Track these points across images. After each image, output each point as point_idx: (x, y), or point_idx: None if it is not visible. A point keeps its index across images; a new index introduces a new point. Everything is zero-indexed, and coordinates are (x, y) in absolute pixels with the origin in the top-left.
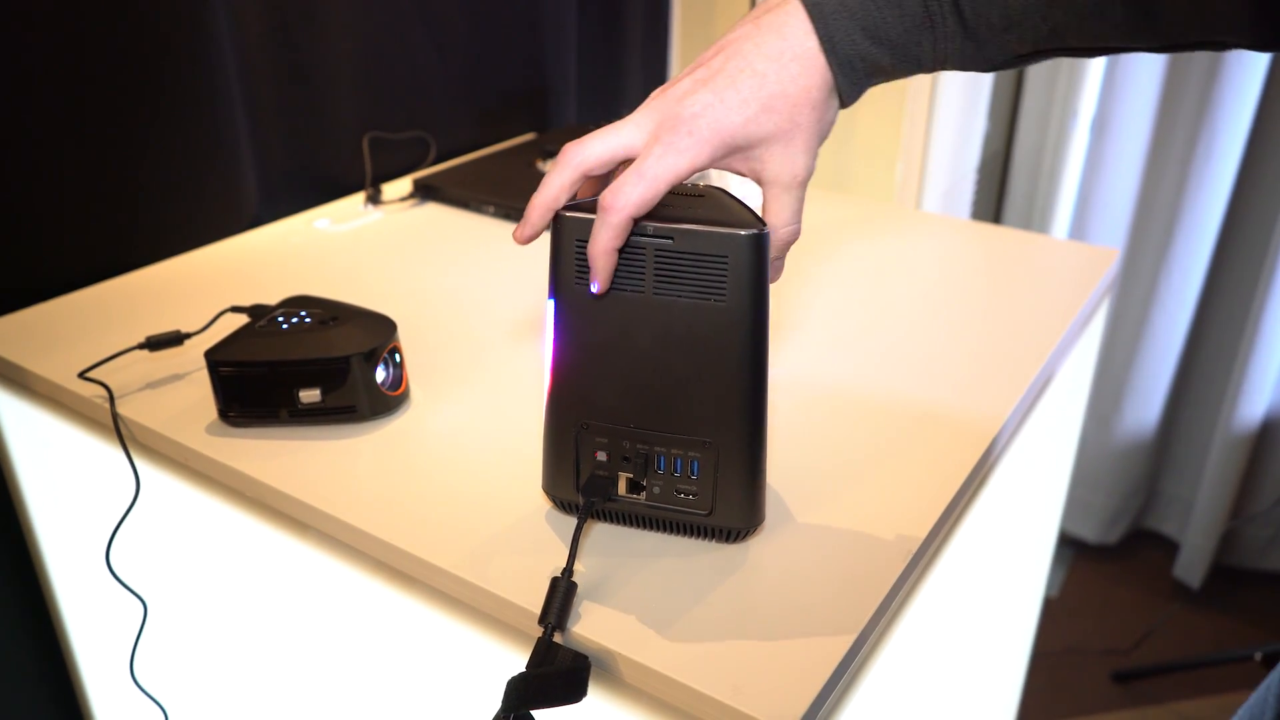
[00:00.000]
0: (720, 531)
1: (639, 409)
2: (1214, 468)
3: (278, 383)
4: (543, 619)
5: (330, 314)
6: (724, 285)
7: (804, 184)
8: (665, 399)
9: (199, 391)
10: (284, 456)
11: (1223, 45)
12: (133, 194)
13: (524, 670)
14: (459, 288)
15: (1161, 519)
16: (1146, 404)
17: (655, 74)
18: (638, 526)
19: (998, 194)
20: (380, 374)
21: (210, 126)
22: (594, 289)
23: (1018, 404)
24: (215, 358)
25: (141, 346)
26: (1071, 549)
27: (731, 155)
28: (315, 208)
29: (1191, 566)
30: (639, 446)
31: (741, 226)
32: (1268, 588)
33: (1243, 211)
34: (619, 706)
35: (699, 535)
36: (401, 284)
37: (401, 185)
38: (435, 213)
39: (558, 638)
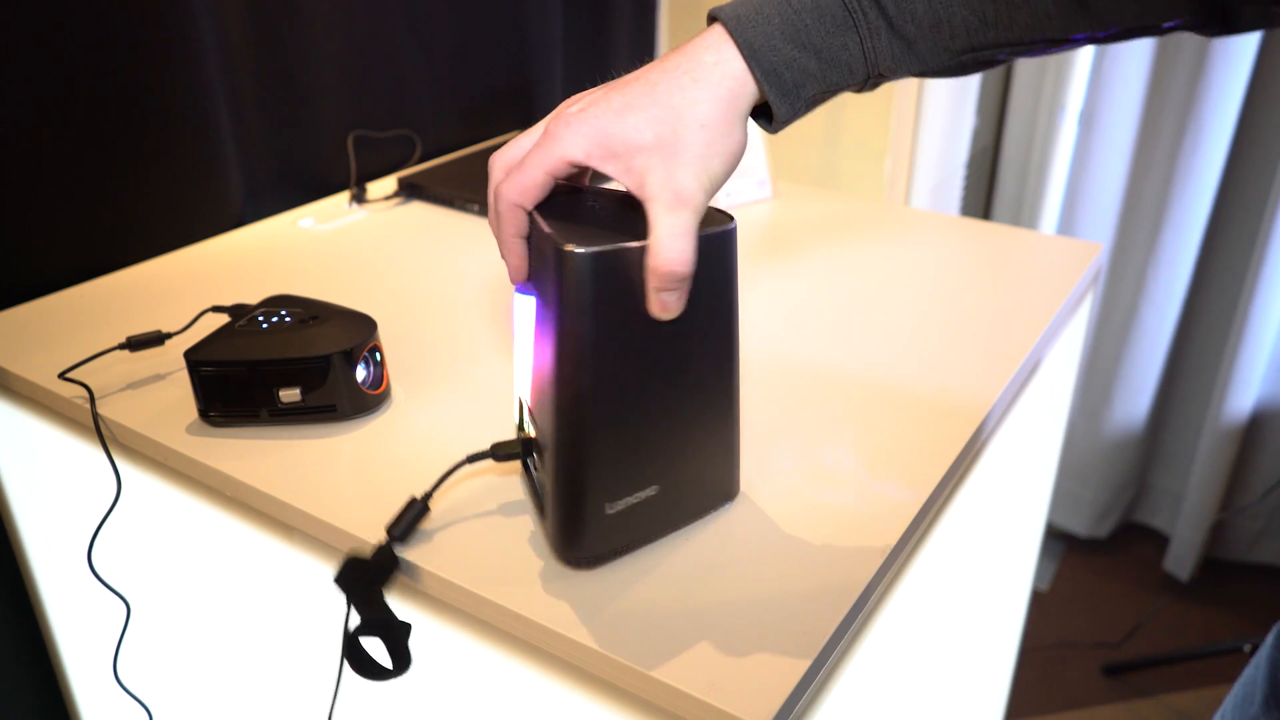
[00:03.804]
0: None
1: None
2: (1203, 461)
3: (258, 382)
4: (389, 528)
5: (310, 313)
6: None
7: (688, 207)
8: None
9: (180, 391)
10: (264, 456)
11: (1161, 30)
12: (116, 194)
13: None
14: (442, 286)
15: (1151, 512)
16: (1136, 398)
17: None
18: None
19: (986, 189)
20: (360, 373)
21: (194, 126)
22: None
23: (1000, 395)
24: (195, 358)
25: (122, 347)
26: (1062, 543)
27: (611, 159)
28: (300, 207)
29: (1181, 559)
30: None
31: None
32: (1257, 580)
33: (1230, 205)
34: (596, 703)
35: None
36: (385, 283)
37: (386, 184)
38: (420, 211)
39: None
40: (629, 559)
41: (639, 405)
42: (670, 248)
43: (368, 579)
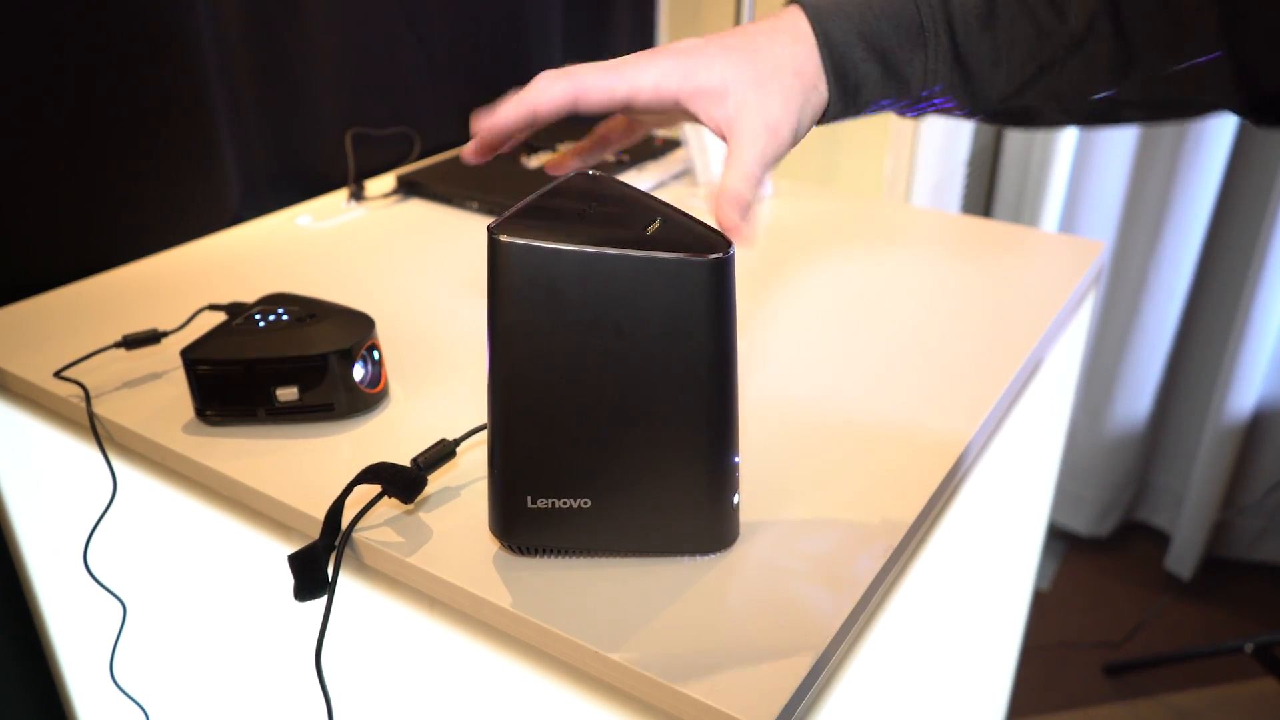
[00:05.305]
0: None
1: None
2: (1204, 459)
3: (254, 381)
4: (414, 459)
5: (308, 311)
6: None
7: (775, 136)
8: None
9: (176, 390)
10: (262, 455)
11: (1211, 107)
12: (112, 191)
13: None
14: (441, 285)
15: (1152, 511)
16: (1137, 396)
17: None
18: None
19: (987, 188)
20: (358, 371)
21: (191, 123)
22: (469, 149)
23: (1002, 395)
24: (191, 356)
25: (118, 345)
26: (1063, 542)
27: (705, 97)
28: (297, 204)
29: (1183, 558)
30: None
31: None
32: (1258, 579)
33: (1231, 203)
34: (596, 705)
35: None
36: (384, 281)
37: (385, 181)
38: (418, 209)
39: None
40: (628, 562)
41: (568, 411)
42: (752, 172)
43: (397, 493)
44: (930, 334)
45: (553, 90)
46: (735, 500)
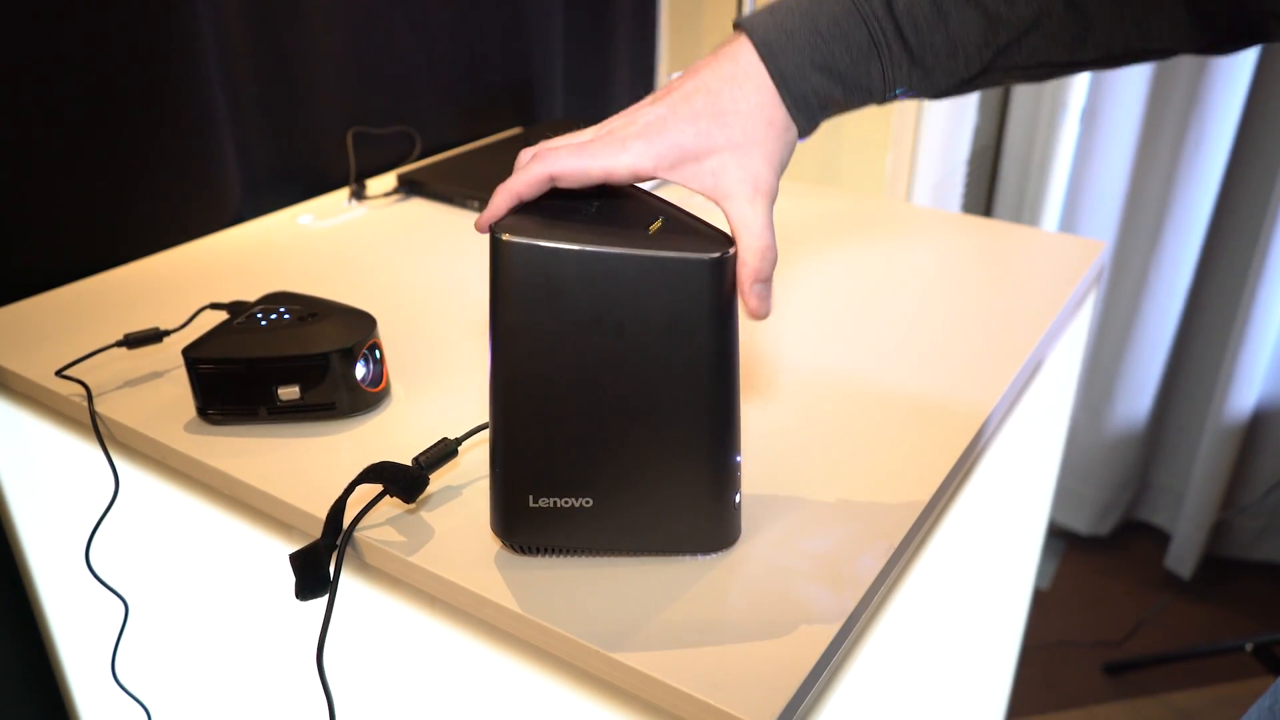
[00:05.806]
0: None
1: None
2: (1205, 459)
3: (256, 380)
4: (416, 459)
5: (309, 310)
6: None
7: (768, 196)
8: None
9: (178, 389)
10: (263, 454)
11: (1164, 54)
12: (114, 190)
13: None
14: (442, 284)
15: (1153, 510)
16: (1137, 396)
17: (643, 68)
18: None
19: (988, 187)
20: (360, 370)
21: (193, 122)
22: (480, 222)
23: (1003, 394)
24: (193, 355)
25: (120, 344)
26: (1063, 541)
27: (683, 166)
28: (299, 203)
29: (1183, 557)
30: None
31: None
32: (1258, 578)
33: (1232, 203)
34: (597, 704)
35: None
36: (385, 280)
37: (386, 180)
38: (420, 208)
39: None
40: (629, 561)
41: (570, 410)
42: (761, 237)
43: (398, 492)
44: (931, 333)
45: (530, 175)
46: (737, 499)
